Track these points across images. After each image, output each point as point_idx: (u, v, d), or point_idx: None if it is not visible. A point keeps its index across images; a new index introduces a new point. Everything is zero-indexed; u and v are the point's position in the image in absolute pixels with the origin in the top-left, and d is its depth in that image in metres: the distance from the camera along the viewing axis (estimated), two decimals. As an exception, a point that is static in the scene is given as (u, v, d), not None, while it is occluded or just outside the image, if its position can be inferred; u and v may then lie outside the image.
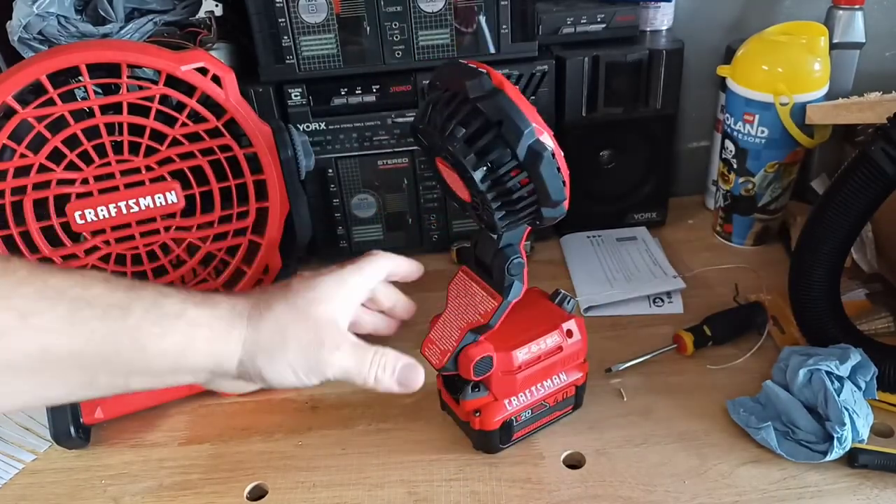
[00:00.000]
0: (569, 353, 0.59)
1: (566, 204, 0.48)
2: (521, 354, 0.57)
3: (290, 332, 0.44)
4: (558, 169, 0.46)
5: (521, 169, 0.45)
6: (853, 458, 0.59)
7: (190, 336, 0.41)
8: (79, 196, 0.61)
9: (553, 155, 0.45)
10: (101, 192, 0.62)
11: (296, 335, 0.44)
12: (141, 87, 0.61)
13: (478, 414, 0.58)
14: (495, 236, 0.53)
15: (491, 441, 0.60)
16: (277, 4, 0.76)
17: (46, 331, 0.36)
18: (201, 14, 0.81)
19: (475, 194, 0.47)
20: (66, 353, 0.37)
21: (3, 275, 0.36)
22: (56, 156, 0.60)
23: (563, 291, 0.62)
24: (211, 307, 0.43)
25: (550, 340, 0.58)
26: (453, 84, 0.47)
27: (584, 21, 0.85)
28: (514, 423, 0.59)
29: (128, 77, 0.61)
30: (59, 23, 0.72)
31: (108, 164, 0.62)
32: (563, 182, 0.47)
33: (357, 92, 0.83)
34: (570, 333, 0.59)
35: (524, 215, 0.48)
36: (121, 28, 0.75)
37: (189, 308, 0.42)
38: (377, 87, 0.83)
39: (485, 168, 0.44)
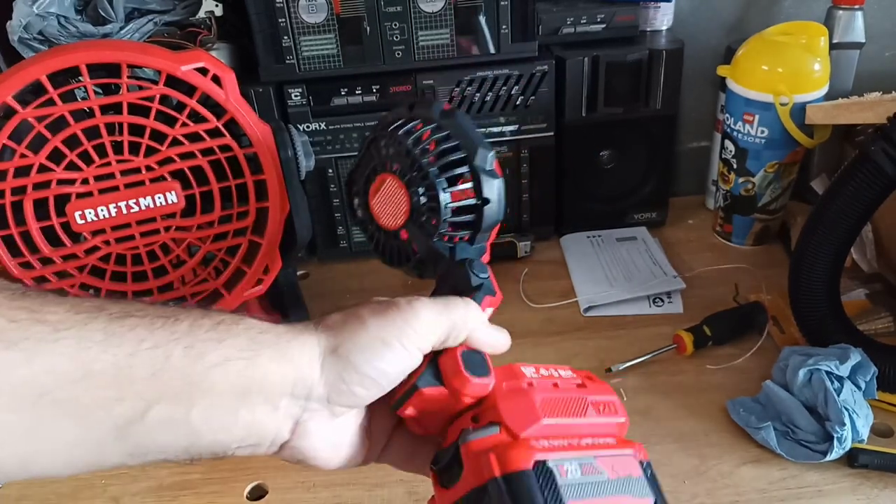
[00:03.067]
0: (600, 398, 0.39)
1: (497, 168, 0.49)
2: (528, 371, 0.39)
3: (360, 311, 0.36)
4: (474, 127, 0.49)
5: (440, 129, 0.49)
6: (853, 458, 0.59)
7: (255, 342, 0.33)
8: (79, 196, 0.61)
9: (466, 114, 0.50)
10: (102, 192, 0.62)
11: (368, 309, 0.36)
12: (141, 88, 0.61)
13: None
14: (447, 255, 0.46)
15: (526, 493, 0.32)
16: (277, 4, 0.76)
17: (85, 341, 0.29)
18: (201, 14, 0.81)
19: (415, 182, 0.48)
20: (111, 370, 0.30)
21: (32, 296, 0.31)
22: (56, 156, 0.60)
23: None
24: (266, 322, 0.36)
25: (564, 372, 0.40)
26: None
27: (584, 21, 0.85)
28: (558, 477, 0.33)
29: (128, 77, 0.61)
30: (59, 23, 0.72)
31: (109, 164, 0.62)
32: (484, 138, 0.49)
33: (357, 92, 0.83)
34: (590, 377, 0.40)
35: (465, 199, 0.48)
36: (121, 28, 0.75)
37: (245, 318, 0.35)
38: (377, 87, 0.83)
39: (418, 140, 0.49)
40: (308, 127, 0.84)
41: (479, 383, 0.37)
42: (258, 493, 0.62)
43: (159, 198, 0.63)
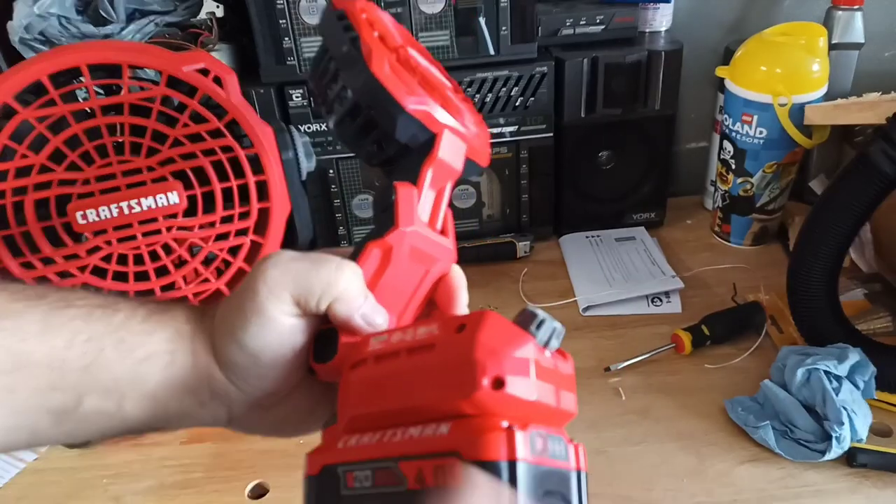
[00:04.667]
0: (448, 357, 0.28)
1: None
2: (375, 343, 0.31)
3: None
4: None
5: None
6: (852, 458, 0.59)
7: (178, 335, 0.33)
8: (80, 196, 0.61)
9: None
10: (103, 192, 0.62)
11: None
12: (142, 88, 0.61)
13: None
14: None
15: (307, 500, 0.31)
16: (278, 6, 0.76)
17: (21, 332, 0.30)
18: (202, 15, 0.81)
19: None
20: (45, 361, 0.30)
21: None
22: (57, 156, 0.60)
23: (533, 311, 0.30)
24: (193, 308, 0.36)
25: (425, 329, 0.30)
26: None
27: (584, 22, 0.85)
28: (342, 486, 0.29)
29: (129, 78, 0.61)
30: (60, 23, 0.73)
31: (110, 164, 0.62)
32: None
33: (357, 92, 0.83)
34: (462, 327, 0.29)
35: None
36: (122, 29, 0.75)
37: (176, 306, 0.35)
38: (377, 87, 0.83)
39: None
40: (309, 128, 0.84)
41: (322, 369, 0.34)
42: (259, 491, 0.62)
43: (161, 198, 0.64)
